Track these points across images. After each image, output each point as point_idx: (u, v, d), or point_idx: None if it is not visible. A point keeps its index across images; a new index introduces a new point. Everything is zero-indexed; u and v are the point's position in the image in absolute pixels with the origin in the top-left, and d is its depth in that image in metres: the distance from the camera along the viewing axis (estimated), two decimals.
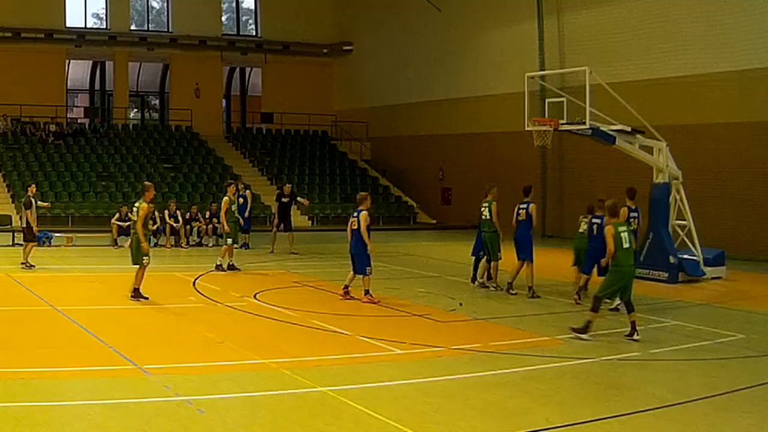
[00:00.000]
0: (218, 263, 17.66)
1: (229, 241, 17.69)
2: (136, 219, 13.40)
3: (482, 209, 15.42)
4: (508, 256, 15.45)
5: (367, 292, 13.84)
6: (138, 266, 13.48)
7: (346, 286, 14.14)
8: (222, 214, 17.86)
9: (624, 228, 11.22)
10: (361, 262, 13.91)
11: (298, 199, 23.77)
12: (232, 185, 18.82)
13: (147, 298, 13.34)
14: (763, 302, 15.31)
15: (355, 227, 13.88)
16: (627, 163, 20.73)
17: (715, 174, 22.82)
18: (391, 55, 36.41)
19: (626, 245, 11.08)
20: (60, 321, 11.80)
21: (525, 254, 14.87)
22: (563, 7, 28.15)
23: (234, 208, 18.32)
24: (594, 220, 14.03)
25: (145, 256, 13.34)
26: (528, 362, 9.95)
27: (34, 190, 18.88)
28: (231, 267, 17.68)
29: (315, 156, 37.54)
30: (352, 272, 14.15)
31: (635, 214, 14.09)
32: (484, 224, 15.39)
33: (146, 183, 14.42)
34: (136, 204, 13.52)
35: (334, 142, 39.20)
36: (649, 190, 18.03)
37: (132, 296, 13.38)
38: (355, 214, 13.96)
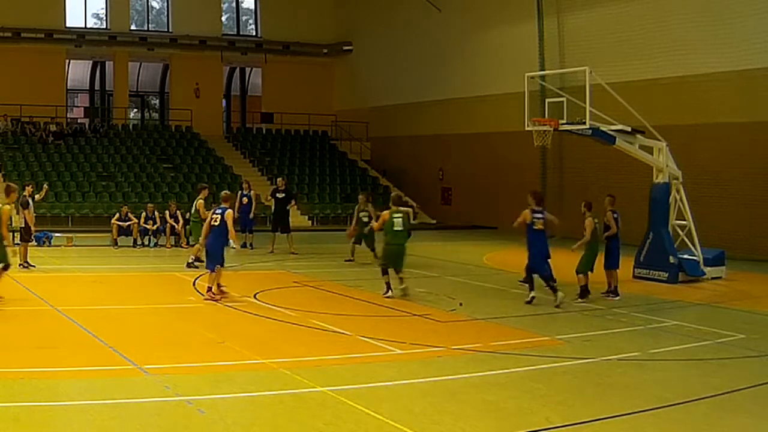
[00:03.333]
0: (190, 260, 18.18)
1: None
2: None
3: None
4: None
5: (210, 288, 13.74)
6: None
7: (210, 288, 13.82)
8: (202, 213, 18.37)
9: (399, 215, 14.40)
10: (214, 259, 13.82)
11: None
12: (206, 189, 19.23)
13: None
14: (763, 302, 15.29)
15: (216, 224, 13.82)
16: (627, 163, 20.72)
17: (715, 174, 22.80)
18: (391, 55, 36.40)
19: (397, 228, 14.28)
20: (60, 321, 11.80)
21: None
22: (563, 7, 28.15)
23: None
24: (615, 216, 15.12)
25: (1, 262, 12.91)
26: (528, 362, 9.95)
27: (32, 190, 18.85)
28: (194, 262, 18.17)
29: (315, 156, 37.53)
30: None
31: (540, 216, 14.16)
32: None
33: (11, 184, 14.10)
34: None
35: (334, 142, 39.19)
36: (649, 190, 18.05)
37: None
38: (219, 211, 13.94)
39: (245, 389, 8.42)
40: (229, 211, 14.06)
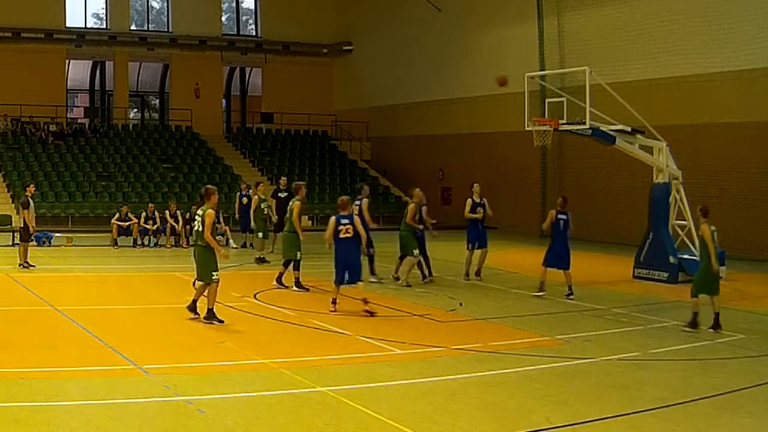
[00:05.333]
0: (258, 256, 19.75)
1: (260, 235, 20.23)
2: (201, 229, 11.62)
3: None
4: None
5: (366, 301, 12.74)
6: (203, 282, 11.77)
7: (366, 300, 12.81)
8: (252, 211, 20.48)
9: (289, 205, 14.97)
10: (357, 272, 12.91)
11: None
12: (261, 185, 21.11)
13: (222, 322, 11.58)
14: (763, 302, 15.31)
15: (350, 235, 12.79)
16: (627, 163, 20.72)
17: (715, 174, 22.78)
18: (391, 55, 36.38)
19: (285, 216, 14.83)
20: (60, 321, 11.80)
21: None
22: (563, 7, 28.13)
23: (264, 206, 20.59)
24: (560, 216, 15.01)
25: (214, 271, 11.64)
26: (528, 362, 9.96)
27: (33, 190, 18.85)
28: (261, 259, 19.63)
29: (315, 156, 37.52)
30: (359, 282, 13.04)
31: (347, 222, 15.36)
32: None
33: (210, 186, 12.17)
34: (200, 212, 11.74)
35: (334, 142, 39.18)
36: (649, 190, 18.04)
37: (205, 318, 11.62)
38: (346, 221, 12.84)
39: (245, 389, 8.42)
40: (356, 217, 13.12)
